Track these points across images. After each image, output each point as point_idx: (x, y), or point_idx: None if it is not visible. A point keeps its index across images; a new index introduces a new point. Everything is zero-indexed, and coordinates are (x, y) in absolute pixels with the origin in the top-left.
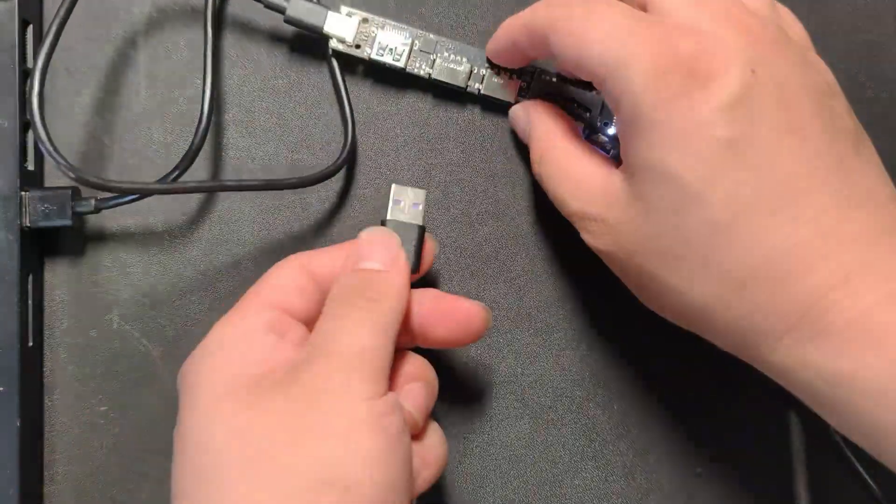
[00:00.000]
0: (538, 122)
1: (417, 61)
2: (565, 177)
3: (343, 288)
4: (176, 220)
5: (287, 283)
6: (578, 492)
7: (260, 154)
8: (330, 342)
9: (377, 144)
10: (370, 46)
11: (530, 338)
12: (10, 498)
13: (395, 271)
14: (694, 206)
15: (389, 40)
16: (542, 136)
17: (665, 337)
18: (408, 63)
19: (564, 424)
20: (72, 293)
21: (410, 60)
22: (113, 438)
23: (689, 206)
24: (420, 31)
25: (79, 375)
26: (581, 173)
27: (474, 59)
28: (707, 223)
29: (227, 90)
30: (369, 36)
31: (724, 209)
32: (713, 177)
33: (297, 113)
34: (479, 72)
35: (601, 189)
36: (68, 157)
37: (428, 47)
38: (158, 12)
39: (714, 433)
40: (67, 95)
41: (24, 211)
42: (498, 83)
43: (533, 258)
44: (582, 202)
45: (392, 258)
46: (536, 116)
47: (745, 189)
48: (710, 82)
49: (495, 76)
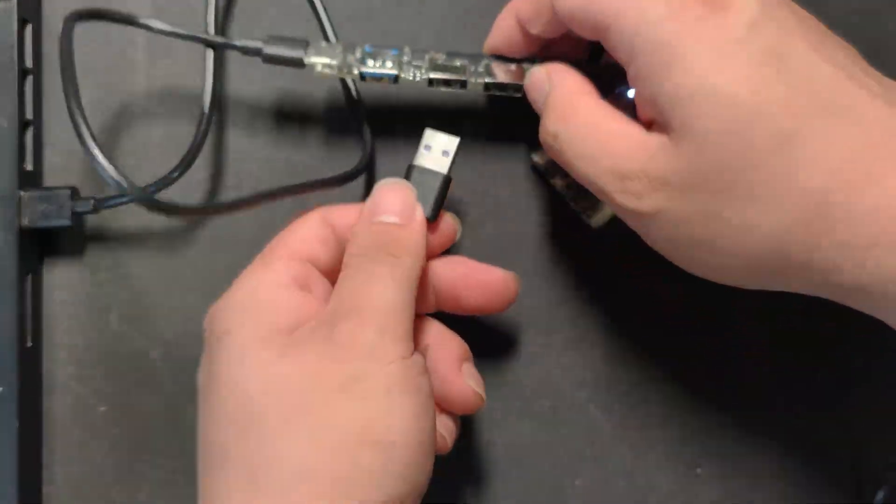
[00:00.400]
0: (560, 81)
1: (411, 69)
2: (593, 132)
3: (363, 241)
4: (176, 221)
5: (311, 234)
6: (579, 492)
7: (260, 154)
8: (357, 298)
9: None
10: (358, 66)
11: (531, 339)
12: (9, 498)
13: (412, 226)
14: (755, 120)
15: (377, 56)
16: (565, 94)
17: (666, 337)
18: (401, 71)
19: (565, 425)
20: (71, 293)
21: (403, 69)
22: (113, 438)
23: (750, 122)
24: (406, 48)
25: (78, 375)
26: (612, 128)
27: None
28: (773, 135)
29: (227, 90)
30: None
31: (787, 117)
32: (767, 87)
33: (297, 113)
34: (478, 68)
35: (639, 142)
36: (68, 157)
37: (418, 58)
38: (158, 12)
39: (714, 433)
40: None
41: (22, 211)
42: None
43: (533, 258)
44: (617, 158)
45: (409, 212)
46: (559, 76)
47: (801, 96)
48: (731, 4)
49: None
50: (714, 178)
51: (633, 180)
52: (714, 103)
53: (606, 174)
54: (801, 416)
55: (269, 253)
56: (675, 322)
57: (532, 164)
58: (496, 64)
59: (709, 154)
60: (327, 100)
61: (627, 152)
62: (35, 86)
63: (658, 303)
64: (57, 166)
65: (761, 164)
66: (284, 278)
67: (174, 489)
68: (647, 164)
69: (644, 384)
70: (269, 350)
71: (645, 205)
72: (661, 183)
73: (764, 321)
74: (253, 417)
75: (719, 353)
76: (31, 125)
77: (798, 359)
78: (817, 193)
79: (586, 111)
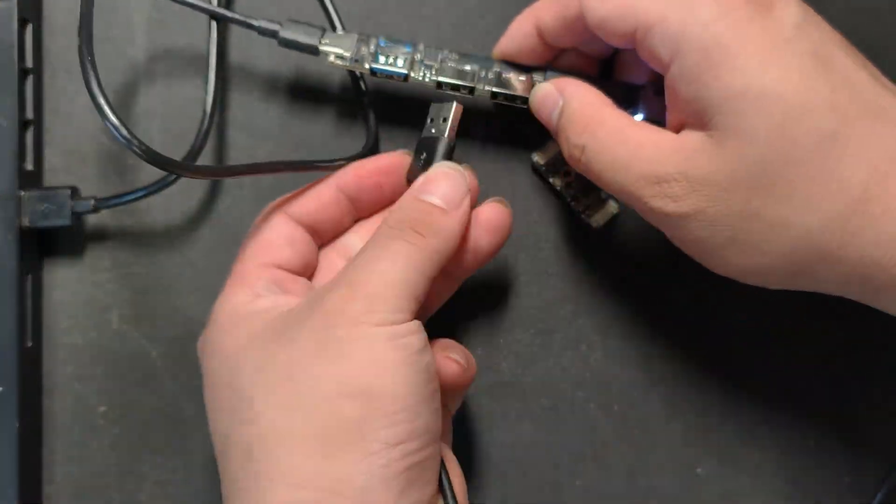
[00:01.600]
0: (574, 95)
1: (421, 70)
2: (623, 140)
3: (399, 215)
4: (176, 221)
5: (275, 236)
6: (579, 493)
7: (260, 154)
8: (360, 271)
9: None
10: (369, 61)
11: (531, 339)
12: (9, 498)
13: (454, 215)
14: (799, 117)
15: (390, 52)
16: (584, 108)
17: (666, 337)
18: (411, 70)
19: (565, 425)
20: (71, 293)
21: (414, 68)
22: (113, 438)
23: (797, 120)
24: (420, 44)
25: (78, 375)
26: (641, 134)
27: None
28: (815, 132)
29: (228, 90)
30: (368, 51)
31: (830, 116)
32: (811, 87)
33: (297, 112)
34: (487, 75)
35: (673, 146)
36: (68, 157)
37: (431, 57)
38: (158, 12)
39: (714, 433)
40: (67, 95)
41: (22, 211)
42: (510, 80)
43: (533, 258)
44: (652, 163)
45: (457, 200)
46: (571, 90)
47: (843, 97)
48: (774, 6)
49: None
50: (756, 177)
51: (670, 183)
52: (763, 102)
53: (640, 180)
54: (801, 416)
55: (240, 265)
56: (675, 322)
57: (532, 164)
58: (506, 72)
59: (754, 152)
60: (329, 99)
61: (662, 156)
62: (35, 86)
63: (658, 302)
64: (57, 166)
65: (804, 161)
66: (260, 289)
67: (174, 489)
68: (684, 166)
69: (644, 384)
70: (257, 345)
71: (683, 207)
72: (700, 184)
73: (764, 321)
74: (243, 400)
75: (719, 353)
76: (31, 125)
77: (798, 359)
78: (856, 189)
79: (612, 120)
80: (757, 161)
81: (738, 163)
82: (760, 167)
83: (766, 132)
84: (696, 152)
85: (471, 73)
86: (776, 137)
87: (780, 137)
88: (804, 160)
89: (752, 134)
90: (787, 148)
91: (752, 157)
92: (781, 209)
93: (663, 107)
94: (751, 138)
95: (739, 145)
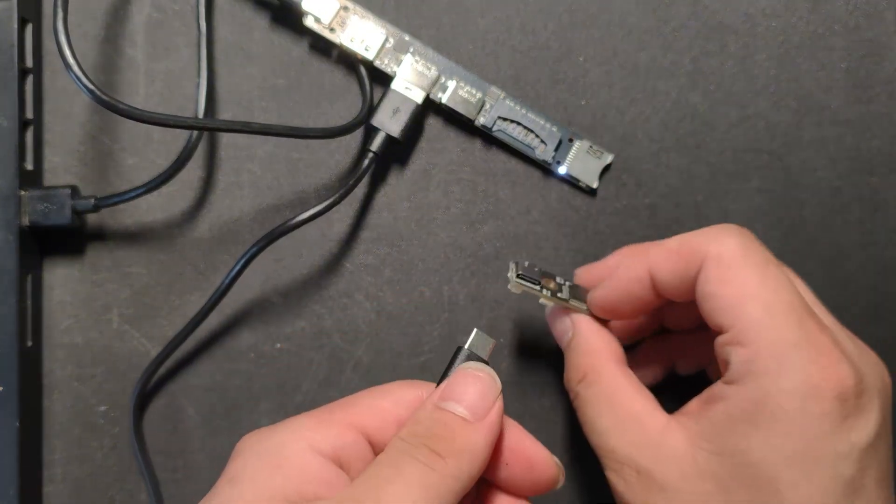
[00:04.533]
0: (585, 336)
1: (387, 59)
2: (610, 407)
3: (416, 427)
4: (176, 220)
5: (387, 407)
6: (579, 493)
7: (259, 153)
8: (367, 497)
9: None
10: (343, 33)
11: (531, 338)
12: (9, 498)
13: (480, 427)
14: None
15: (365, 32)
16: (589, 353)
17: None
18: (377, 58)
19: (565, 425)
20: (71, 293)
21: (379, 57)
22: (113, 438)
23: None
24: (396, 30)
25: (79, 375)
26: (630, 409)
27: (443, 69)
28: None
29: (227, 89)
30: (346, 23)
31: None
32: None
33: (295, 112)
34: (446, 82)
35: (654, 439)
36: (68, 157)
37: (401, 47)
38: (158, 12)
39: None
40: (67, 95)
41: (23, 210)
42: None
43: (533, 258)
44: (627, 444)
45: (484, 408)
46: (583, 328)
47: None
48: (859, 415)
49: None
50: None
51: (633, 471)
52: (762, 487)
53: (612, 452)
54: None
55: (332, 412)
56: None
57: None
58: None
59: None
60: (327, 99)
61: (639, 443)
62: (35, 85)
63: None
64: (57, 166)
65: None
66: (325, 447)
67: (174, 489)
68: (653, 466)
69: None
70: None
71: (631, 496)
72: (656, 490)
73: None
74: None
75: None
76: (31, 125)
77: None
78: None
79: (609, 379)
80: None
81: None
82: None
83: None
84: (675, 462)
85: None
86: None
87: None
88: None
89: (730, 498)
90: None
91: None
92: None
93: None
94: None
95: (710, 493)
